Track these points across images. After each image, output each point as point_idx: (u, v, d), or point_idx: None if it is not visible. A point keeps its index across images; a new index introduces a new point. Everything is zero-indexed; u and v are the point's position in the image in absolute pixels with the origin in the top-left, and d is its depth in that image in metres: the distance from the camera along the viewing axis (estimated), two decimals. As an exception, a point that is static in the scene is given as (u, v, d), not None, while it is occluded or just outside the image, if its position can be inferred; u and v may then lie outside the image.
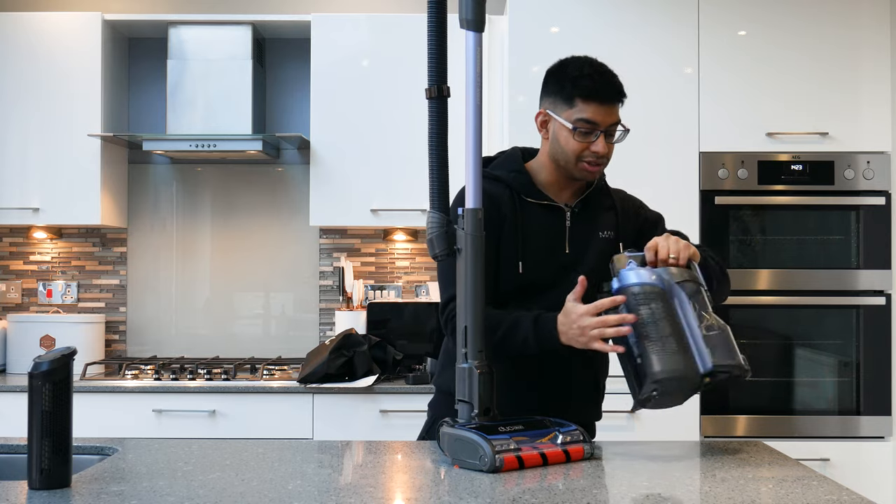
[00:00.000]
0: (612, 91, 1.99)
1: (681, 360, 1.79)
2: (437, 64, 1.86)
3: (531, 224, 2.04)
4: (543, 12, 3.41)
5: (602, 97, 1.98)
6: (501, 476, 1.67)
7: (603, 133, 1.99)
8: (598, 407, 2.19)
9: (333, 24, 3.71)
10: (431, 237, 1.87)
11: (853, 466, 3.29)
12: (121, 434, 3.15)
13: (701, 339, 1.82)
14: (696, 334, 1.83)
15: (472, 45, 1.86)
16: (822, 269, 3.39)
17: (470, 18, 1.85)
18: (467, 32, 1.86)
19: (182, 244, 4.05)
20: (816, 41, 3.41)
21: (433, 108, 1.86)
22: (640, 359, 1.80)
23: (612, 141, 2.02)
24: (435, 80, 1.85)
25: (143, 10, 4.03)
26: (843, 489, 1.60)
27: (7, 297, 4.03)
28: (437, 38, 1.85)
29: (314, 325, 4.03)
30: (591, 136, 1.99)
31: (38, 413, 1.56)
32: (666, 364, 1.78)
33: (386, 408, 3.36)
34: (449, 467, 1.75)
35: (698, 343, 1.82)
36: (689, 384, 1.81)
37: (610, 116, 1.99)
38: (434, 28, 1.85)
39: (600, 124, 1.98)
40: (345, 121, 3.68)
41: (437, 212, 1.87)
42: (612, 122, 2.00)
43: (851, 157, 3.39)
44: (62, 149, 3.68)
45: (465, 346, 1.83)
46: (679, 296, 1.85)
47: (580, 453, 1.81)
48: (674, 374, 1.78)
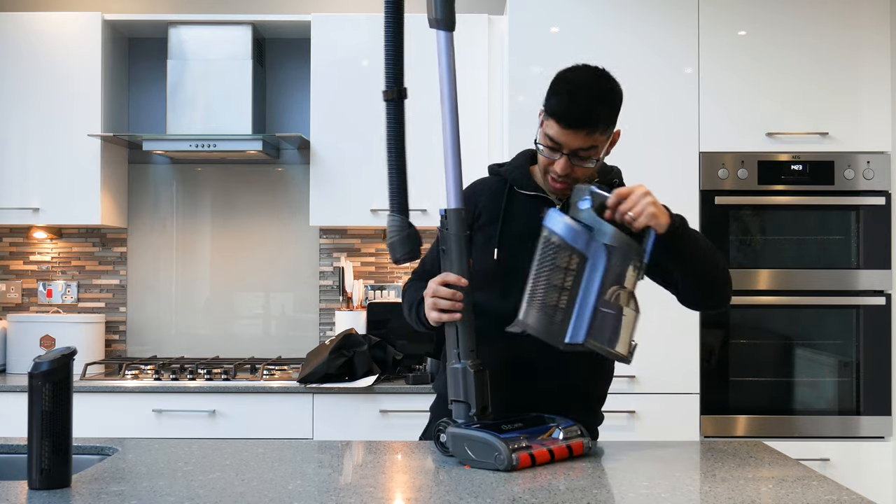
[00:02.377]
0: (575, 117, 1.85)
1: (545, 321, 1.73)
2: (395, 65, 1.84)
3: (514, 213, 2.02)
4: (543, 12, 3.41)
5: (566, 121, 1.86)
6: (501, 476, 1.67)
7: (567, 155, 1.88)
8: (587, 414, 2.06)
9: (333, 24, 3.71)
10: (393, 241, 1.86)
11: (853, 466, 3.29)
12: (121, 434, 3.15)
13: (588, 311, 1.73)
14: (587, 304, 1.73)
15: (444, 44, 1.85)
16: (822, 269, 3.39)
17: (440, 18, 1.83)
18: (438, 32, 1.84)
19: (182, 244, 4.05)
20: (816, 41, 3.41)
21: (391, 111, 1.84)
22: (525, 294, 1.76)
23: (580, 165, 1.90)
24: (393, 83, 1.84)
25: (143, 10, 4.03)
26: (843, 489, 1.60)
27: (7, 297, 4.03)
28: (394, 39, 1.83)
29: (314, 325, 4.03)
30: (556, 154, 1.91)
31: (38, 413, 1.56)
32: (530, 317, 1.74)
33: (386, 408, 3.36)
34: (449, 467, 1.75)
35: (582, 313, 1.73)
36: (554, 343, 1.75)
37: (575, 141, 1.87)
38: (391, 29, 1.83)
39: (563, 146, 1.88)
40: (345, 121, 3.68)
41: (397, 214, 1.86)
42: (578, 147, 1.88)
43: (851, 157, 3.39)
44: (62, 149, 3.68)
45: (457, 345, 1.83)
46: (596, 258, 1.73)
47: (580, 448, 1.83)
48: (533, 329, 1.75)
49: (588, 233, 1.74)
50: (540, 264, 1.75)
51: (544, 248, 1.75)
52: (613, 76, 1.95)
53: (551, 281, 1.73)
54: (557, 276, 1.73)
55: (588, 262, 1.74)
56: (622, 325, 1.74)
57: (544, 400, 1.98)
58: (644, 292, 2.48)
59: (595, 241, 1.73)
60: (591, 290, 1.73)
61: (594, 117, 1.87)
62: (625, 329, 1.74)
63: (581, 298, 1.74)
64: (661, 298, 2.03)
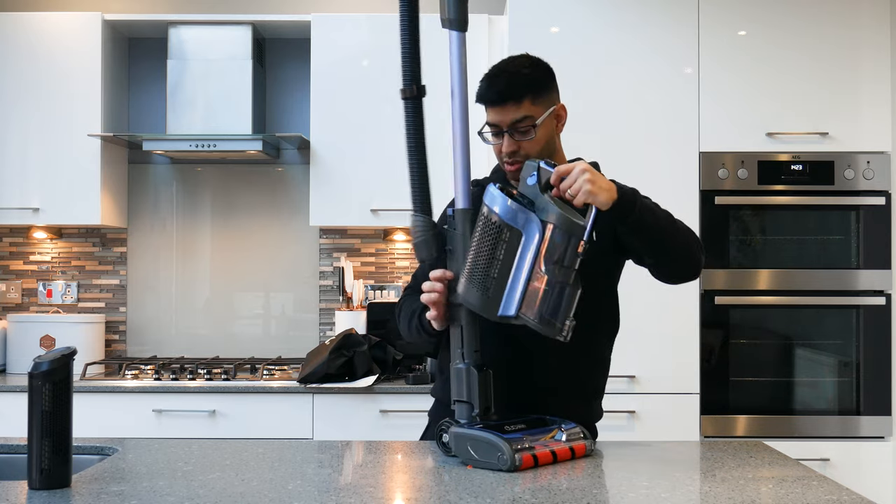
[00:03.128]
0: (496, 92, 1.92)
1: (481, 294, 1.75)
2: (412, 63, 1.84)
3: None
4: (543, 12, 3.41)
5: (491, 100, 1.93)
6: (501, 476, 1.67)
7: (507, 133, 1.92)
8: (586, 409, 2.05)
9: (333, 24, 3.71)
10: (418, 242, 1.86)
11: (853, 466, 3.29)
12: (121, 434, 3.15)
13: (520, 284, 1.73)
14: (518, 279, 1.73)
15: (456, 44, 1.85)
16: (822, 269, 3.38)
17: (453, 18, 1.83)
18: (450, 32, 1.85)
19: (182, 244, 4.05)
20: (816, 41, 3.41)
21: (409, 109, 1.85)
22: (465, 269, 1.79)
23: (522, 139, 1.93)
24: (410, 80, 1.84)
25: (143, 10, 4.03)
26: (843, 489, 1.60)
27: (7, 297, 4.03)
28: (410, 37, 1.83)
29: (314, 325, 4.03)
30: (499, 137, 1.95)
31: (38, 413, 1.56)
32: (468, 292, 1.77)
33: (386, 408, 3.36)
34: (449, 467, 1.75)
35: (514, 286, 1.73)
36: (489, 315, 1.77)
37: (507, 116, 1.91)
38: (407, 27, 1.83)
39: (500, 124, 1.93)
40: (345, 121, 3.68)
41: (421, 215, 1.86)
42: (512, 121, 1.91)
43: (851, 157, 3.39)
44: (62, 149, 3.68)
45: (461, 345, 1.83)
46: (530, 233, 1.73)
47: (583, 450, 1.83)
48: (469, 302, 1.77)
49: (525, 210, 1.74)
50: (479, 241, 1.76)
51: (483, 225, 1.76)
52: (537, 57, 2.01)
53: (486, 254, 1.74)
54: (492, 250, 1.74)
55: (522, 237, 1.74)
56: (562, 301, 1.71)
57: (541, 395, 1.98)
58: (644, 293, 2.49)
59: (532, 216, 1.73)
60: (522, 264, 1.73)
61: (514, 87, 1.91)
62: (565, 304, 1.72)
63: (514, 272, 1.74)
64: (661, 299, 2.04)
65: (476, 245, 1.77)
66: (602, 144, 3.18)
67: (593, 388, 2.10)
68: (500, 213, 1.74)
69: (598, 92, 3.36)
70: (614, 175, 2.19)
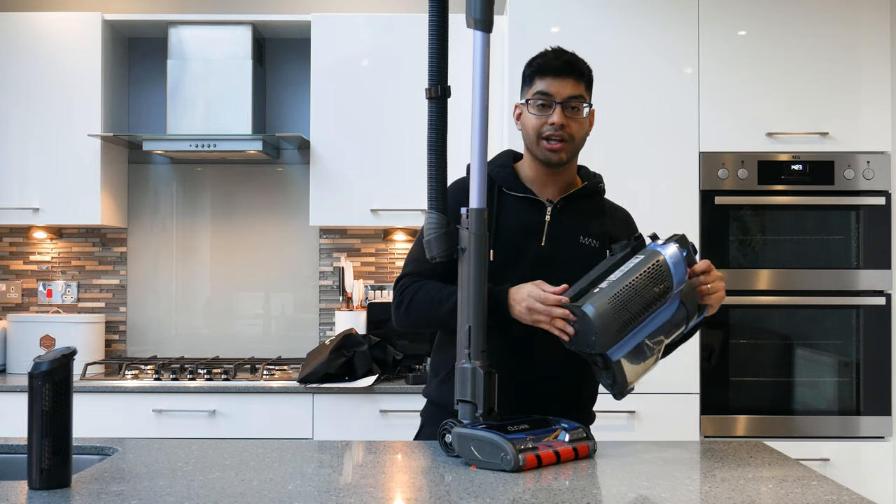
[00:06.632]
0: (564, 64, 1.99)
1: (607, 322, 1.79)
2: (439, 63, 1.85)
3: (507, 214, 2.03)
4: (543, 12, 3.41)
5: (555, 71, 1.98)
6: (501, 476, 1.67)
7: (560, 105, 1.98)
8: (584, 413, 2.10)
9: (333, 24, 3.71)
10: (430, 238, 1.87)
11: (853, 466, 3.29)
12: (121, 434, 3.15)
13: (638, 340, 1.83)
14: (641, 333, 1.84)
15: (480, 45, 1.86)
16: (822, 269, 3.38)
17: (478, 18, 1.85)
18: (475, 32, 1.85)
19: (182, 244, 4.05)
20: (816, 41, 3.41)
21: (433, 108, 1.86)
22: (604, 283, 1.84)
23: (573, 117, 2.00)
24: (436, 80, 1.85)
25: (143, 10, 4.03)
26: (843, 489, 1.60)
27: (7, 297, 4.03)
28: (438, 38, 1.84)
29: (314, 325, 4.03)
30: (548, 108, 1.99)
31: (38, 413, 1.56)
32: (601, 306, 1.79)
33: (386, 408, 3.36)
34: (450, 467, 1.75)
35: (634, 338, 1.83)
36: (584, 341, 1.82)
37: (565, 89, 1.98)
38: (436, 27, 1.84)
39: (555, 96, 1.98)
40: (345, 121, 3.68)
41: (436, 212, 1.86)
42: (569, 95, 1.98)
43: (851, 157, 3.39)
44: (62, 149, 3.68)
45: (468, 345, 1.83)
46: (672, 303, 1.85)
47: (586, 450, 1.84)
48: (593, 316, 1.79)
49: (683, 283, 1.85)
50: (638, 277, 1.82)
51: (651, 267, 1.83)
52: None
53: (638, 295, 1.81)
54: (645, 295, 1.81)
55: (668, 301, 1.84)
56: (642, 366, 1.86)
57: (542, 399, 1.99)
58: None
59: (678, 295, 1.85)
60: (651, 324, 1.84)
61: (580, 66, 2.01)
62: (642, 369, 1.86)
63: (640, 328, 1.83)
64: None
65: (635, 279, 1.81)
66: (602, 144, 3.17)
67: (590, 394, 2.14)
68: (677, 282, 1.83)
69: (598, 92, 3.34)
70: (614, 175, 2.20)
